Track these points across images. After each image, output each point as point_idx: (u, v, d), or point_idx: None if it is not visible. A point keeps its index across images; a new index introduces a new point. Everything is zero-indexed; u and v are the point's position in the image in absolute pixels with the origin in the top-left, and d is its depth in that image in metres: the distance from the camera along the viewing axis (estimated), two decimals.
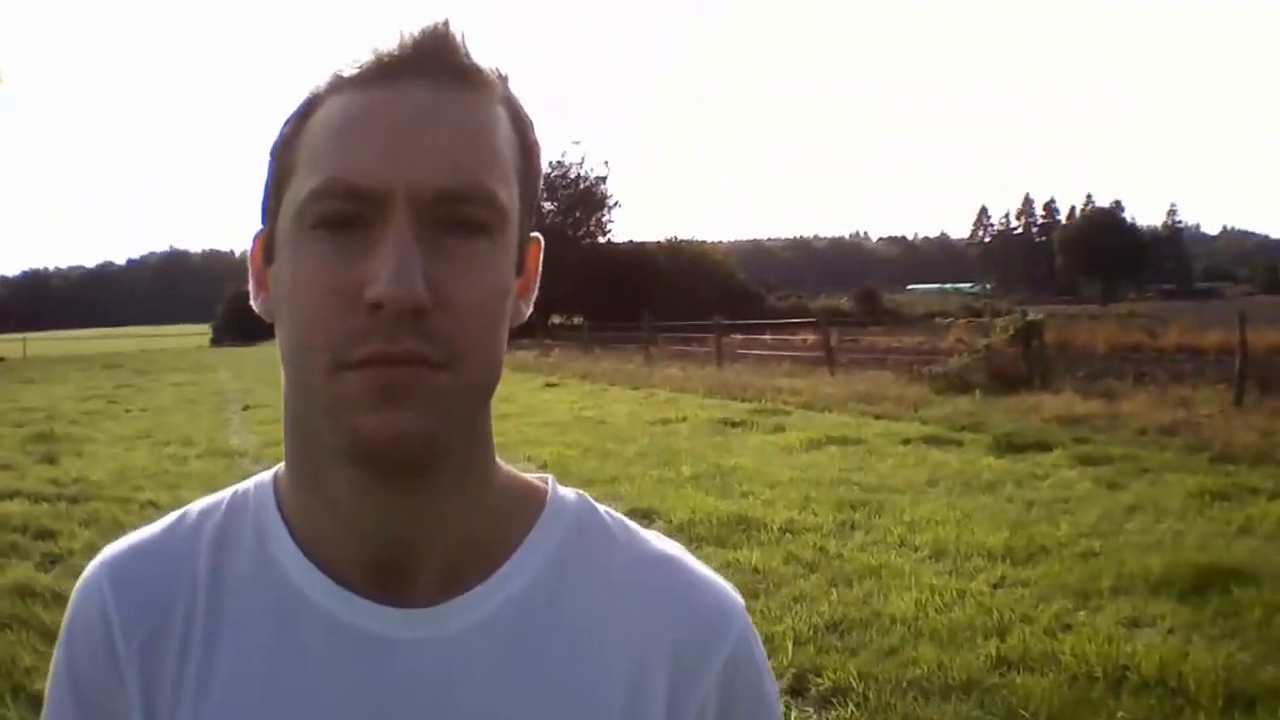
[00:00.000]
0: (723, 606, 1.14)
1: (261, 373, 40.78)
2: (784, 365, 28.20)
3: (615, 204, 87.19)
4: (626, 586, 1.12)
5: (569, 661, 1.08)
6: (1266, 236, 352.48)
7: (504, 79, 1.06)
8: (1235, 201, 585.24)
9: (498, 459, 1.14)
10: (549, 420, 19.99)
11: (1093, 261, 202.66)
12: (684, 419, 18.98)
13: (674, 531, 10.04)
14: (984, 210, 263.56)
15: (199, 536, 1.16)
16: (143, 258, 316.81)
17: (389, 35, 1.02)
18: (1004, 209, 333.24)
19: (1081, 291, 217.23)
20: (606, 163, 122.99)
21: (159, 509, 11.70)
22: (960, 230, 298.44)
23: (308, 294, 0.99)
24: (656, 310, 68.29)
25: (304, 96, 1.06)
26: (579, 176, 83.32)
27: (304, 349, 1.00)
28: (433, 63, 1.00)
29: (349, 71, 1.02)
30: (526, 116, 1.08)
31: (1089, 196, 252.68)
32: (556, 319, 75.47)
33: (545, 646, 1.09)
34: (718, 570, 1.18)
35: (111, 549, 1.19)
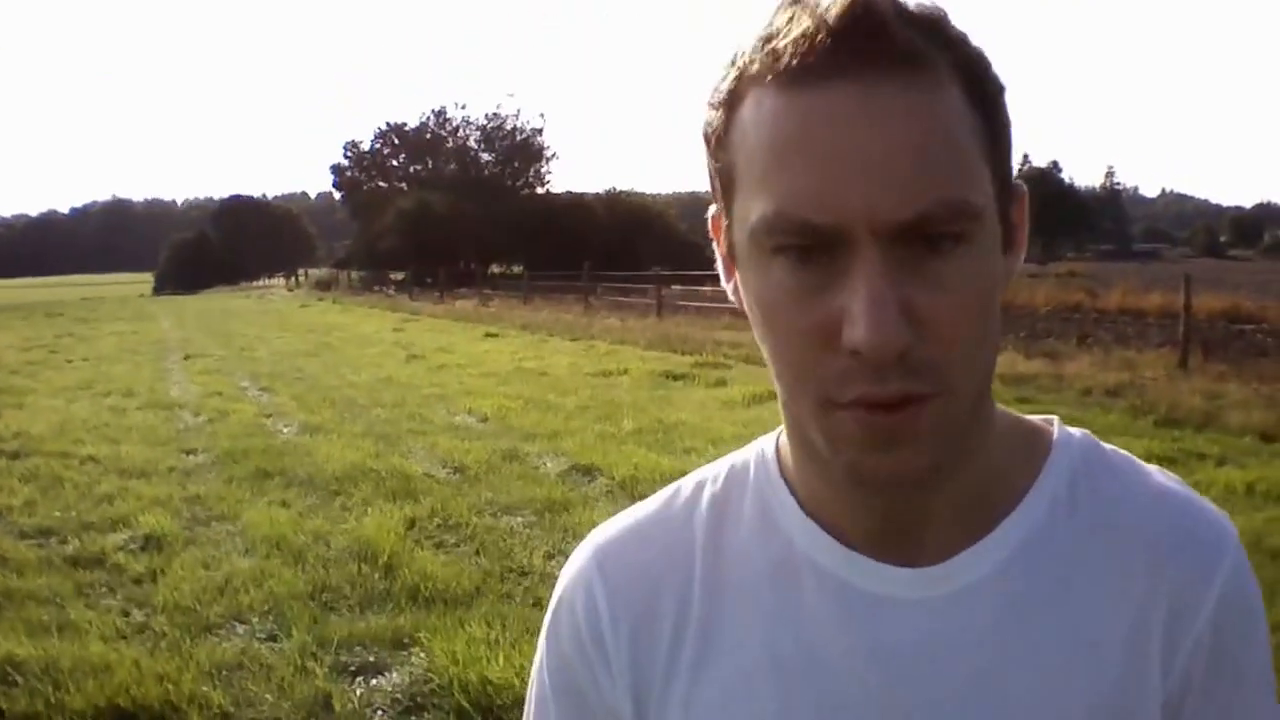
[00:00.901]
0: (1216, 538, 1.08)
1: (202, 322, 41.26)
2: (724, 318, 27.91)
3: (553, 155, 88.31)
4: (1130, 528, 1.07)
5: (1072, 613, 1.05)
6: (1206, 200, 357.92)
7: (944, 29, 0.94)
8: (1174, 165, 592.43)
9: (999, 407, 1.09)
10: (489, 371, 19.88)
11: (1031, 221, 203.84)
12: (625, 371, 18.85)
13: (616, 488, 9.99)
14: None
15: (695, 510, 1.16)
16: (85, 206, 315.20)
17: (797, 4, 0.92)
18: None
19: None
20: (542, 114, 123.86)
21: (99, 463, 11.65)
22: None
23: (783, 328, 0.95)
24: (596, 261, 68.45)
25: (726, 76, 0.97)
26: (515, 128, 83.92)
27: (789, 383, 0.98)
28: (866, 51, 0.89)
29: (769, 61, 0.92)
30: (981, 67, 0.97)
31: (1025, 156, 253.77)
32: (496, 268, 75.80)
33: (1050, 598, 1.05)
34: None
35: (601, 533, 1.20)
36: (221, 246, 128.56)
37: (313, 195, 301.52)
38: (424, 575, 7.47)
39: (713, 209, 1.05)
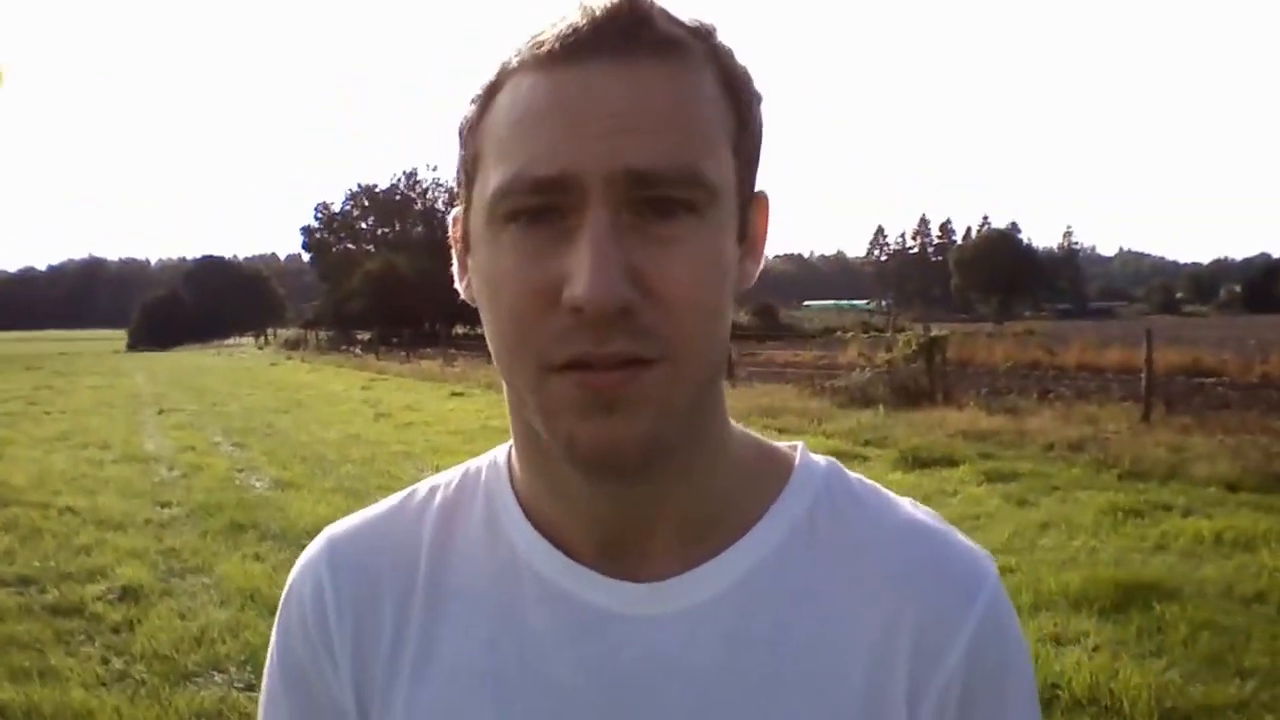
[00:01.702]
0: (969, 574, 1.05)
1: (175, 378, 41.65)
2: None
3: None
4: (873, 560, 1.04)
5: (807, 643, 1.02)
6: (1162, 257, 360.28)
7: (707, 34, 0.96)
8: (1130, 223, 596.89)
9: (738, 426, 1.09)
10: (456, 429, 20.02)
11: (989, 280, 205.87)
12: None
13: None
14: (880, 229, 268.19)
15: (426, 511, 1.15)
16: (62, 264, 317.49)
17: (572, 8, 0.93)
18: (900, 228, 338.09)
19: (978, 310, 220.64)
20: None
21: (76, 514, 11.73)
22: (857, 249, 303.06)
23: (507, 293, 0.93)
24: None
25: (487, 76, 0.98)
26: None
27: (508, 350, 0.95)
28: (622, 38, 0.91)
29: (531, 51, 0.93)
30: (739, 69, 0.98)
31: (985, 218, 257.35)
32: (460, 329, 76.23)
33: (782, 626, 1.02)
34: None
35: (334, 526, 1.19)
36: (193, 305, 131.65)
37: (282, 257, 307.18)
38: None
39: (453, 212, 1.06)
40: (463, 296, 1.05)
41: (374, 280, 72.70)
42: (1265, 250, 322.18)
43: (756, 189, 1.03)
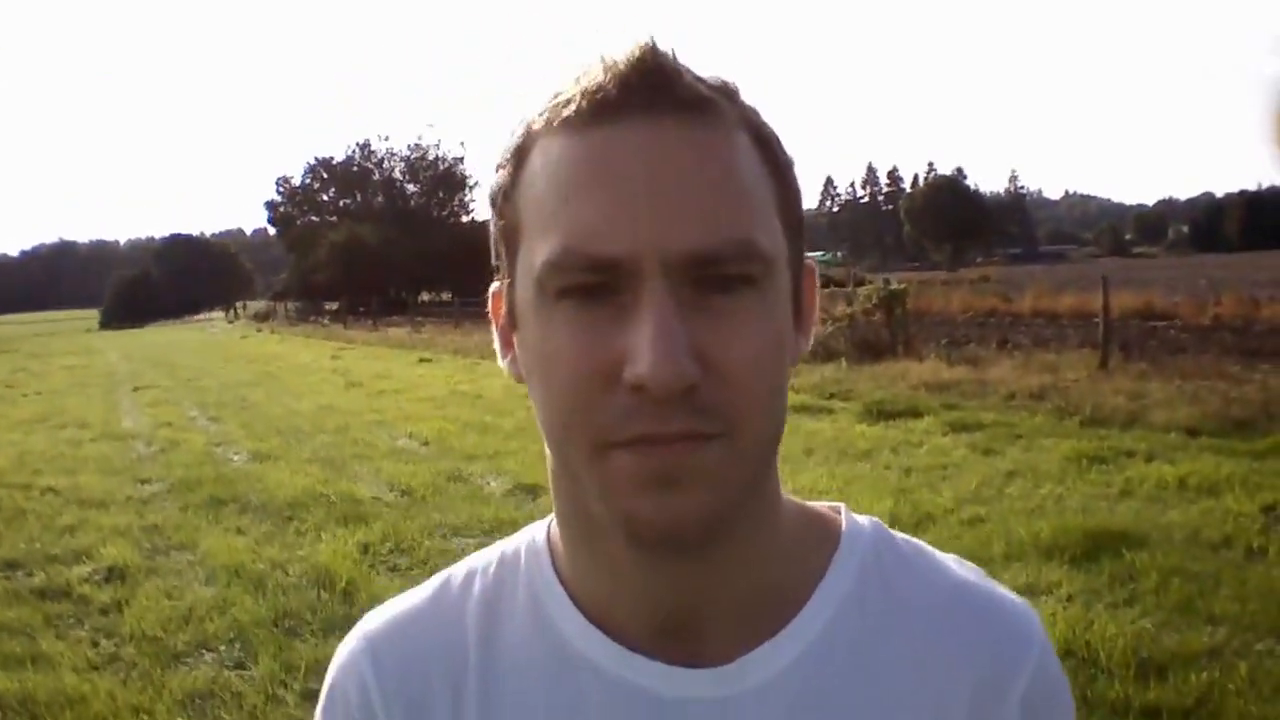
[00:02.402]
0: (1018, 632, 1.07)
1: (148, 355, 41.79)
2: None
3: (475, 184, 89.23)
4: (926, 623, 1.05)
5: (869, 713, 1.02)
6: (1108, 199, 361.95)
7: (733, 94, 0.95)
8: (1075, 166, 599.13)
9: (784, 494, 1.06)
10: (426, 395, 20.22)
11: (939, 228, 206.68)
12: None
13: None
14: (830, 180, 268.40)
15: (465, 601, 1.11)
16: (34, 249, 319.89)
17: (592, 62, 0.92)
18: (849, 178, 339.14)
19: (931, 258, 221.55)
20: (463, 143, 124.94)
21: (59, 494, 11.84)
22: (808, 200, 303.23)
23: (563, 372, 0.90)
24: None
25: (514, 134, 0.96)
26: (438, 158, 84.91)
27: (563, 428, 0.91)
28: (655, 95, 0.89)
29: (558, 111, 0.92)
30: (770, 132, 0.97)
31: (931, 164, 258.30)
32: (426, 296, 76.87)
33: (845, 700, 1.02)
34: None
35: (369, 621, 1.15)
36: (164, 283, 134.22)
37: (248, 232, 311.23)
38: (382, 600, 7.53)
39: (493, 287, 1.03)
40: (506, 373, 1.03)
41: (339, 251, 72.96)
42: (1208, 189, 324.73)
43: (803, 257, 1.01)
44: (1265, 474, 9.73)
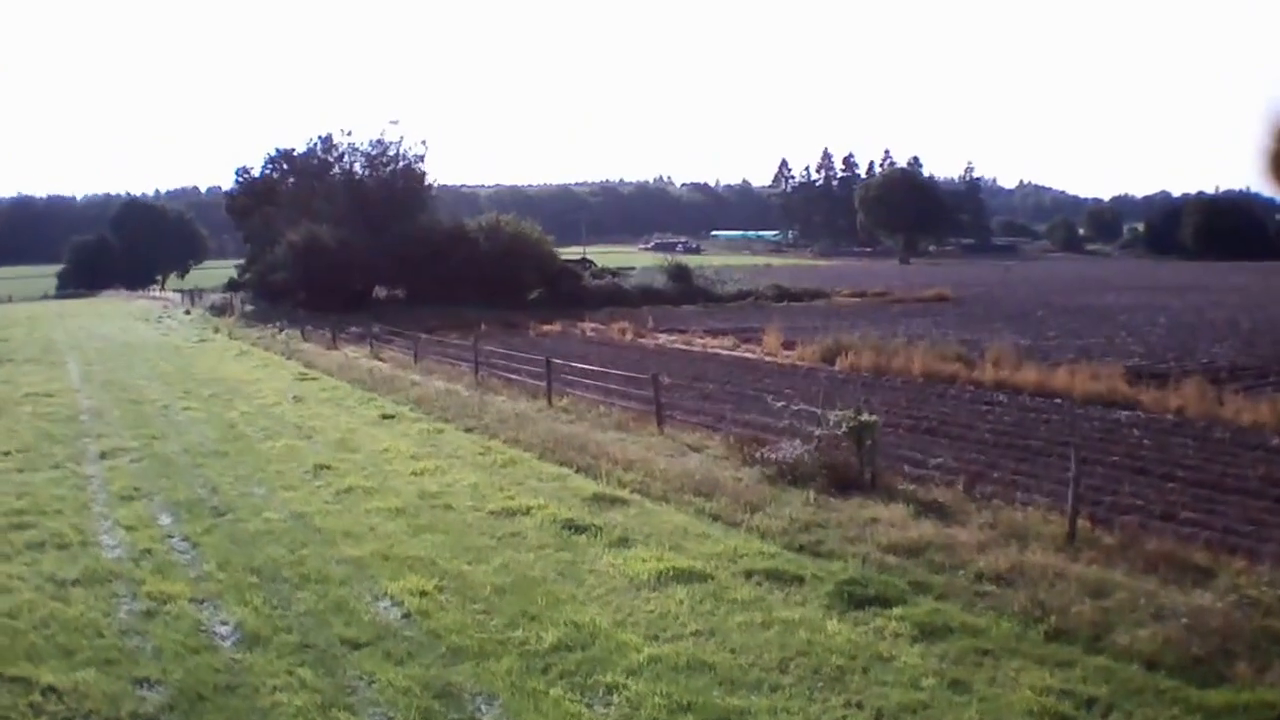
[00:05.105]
0: None
1: (108, 368, 39.14)
2: (613, 412, 28.81)
3: (435, 183, 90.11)
4: None
5: None
6: (1063, 192, 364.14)
7: None
8: (1031, 156, 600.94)
9: None
10: (395, 505, 19.96)
11: (894, 219, 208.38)
12: (528, 511, 19.15)
13: None
14: (784, 162, 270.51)
15: None
16: None
17: None
18: (803, 158, 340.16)
19: (883, 244, 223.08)
20: (424, 142, 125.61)
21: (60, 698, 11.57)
22: (762, 179, 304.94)
23: None
24: (479, 286, 70.97)
25: None
26: (399, 154, 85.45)
27: None
28: None
29: None
30: None
31: (887, 152, 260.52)
32: (381, 292, 77.48)
33: None
34: None
35: None
36: (120, 249, 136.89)
37: (203, 189, 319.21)
38: None
39: None
40: None
41: (297, 251, 73.20)
42: (1165, 188, 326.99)
43: None
44: None
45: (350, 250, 74.17)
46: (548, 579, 15.52)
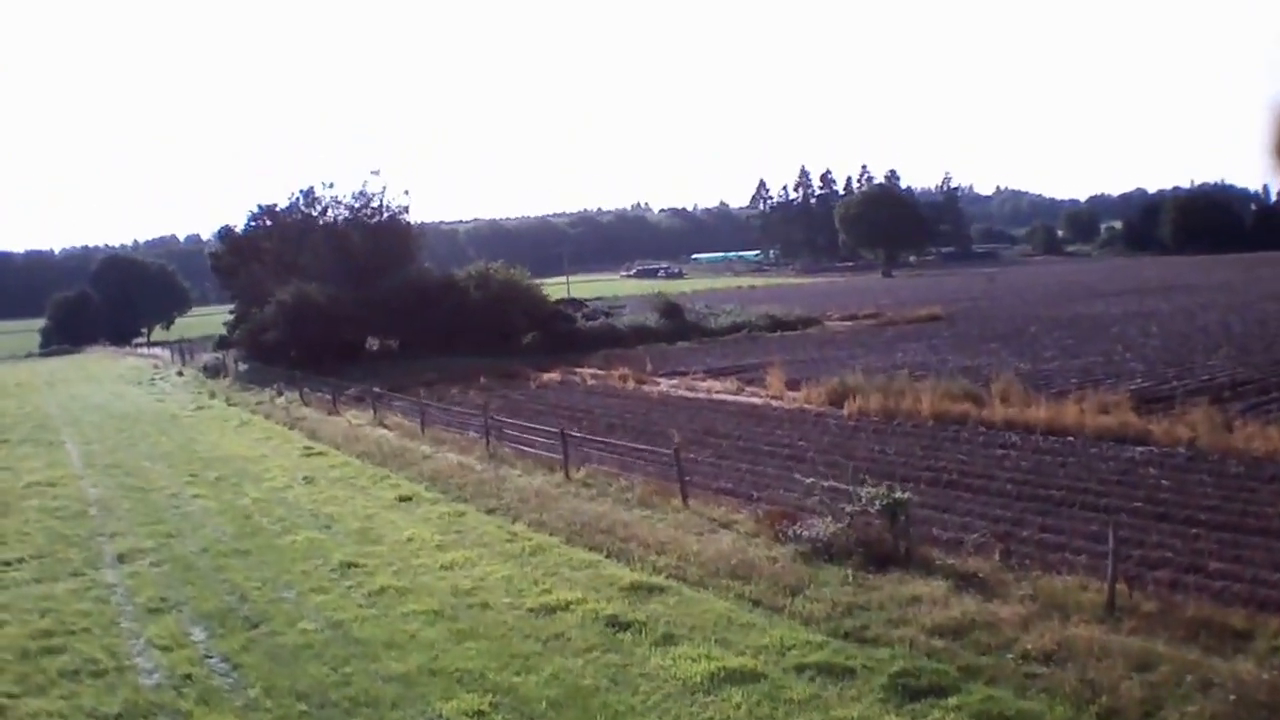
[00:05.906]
0: None
1: (111, 448, 36.57)
2: (634, 484, 28.13)
3: (420, 233, 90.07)
4: None
5: None
6: (1040, 195, 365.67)
7: None
8: (1007, 162, 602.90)
9: None
10: (429, 607, 19.44)
11: (874, 235, 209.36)
12: (568, 607, 18.78)
13: None
14: (762, 182, 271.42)
15: None
16: None
17: None
18: (781, 180, 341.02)
19: (864, 258, 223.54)
20: (407, 192, 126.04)
21: None
22: (740, 200, 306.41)
23: None
24: (472, 336, 71.15)
25: None
26: (382, 205, 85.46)
27: None
28: None
29: None
30: None
31: (864, 167, 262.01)
32: (374, 344, 77.55)
33: None
34: None
35: None
36: (103, 304, 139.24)
37: (181, 238, 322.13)
38: None
39: None
40: None
41: (287, 310, 72.98)
42: (1140, 185, 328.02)
43: None
44: None
45: (340, 305, 73.57)
46: (600, 688, 15.26)
